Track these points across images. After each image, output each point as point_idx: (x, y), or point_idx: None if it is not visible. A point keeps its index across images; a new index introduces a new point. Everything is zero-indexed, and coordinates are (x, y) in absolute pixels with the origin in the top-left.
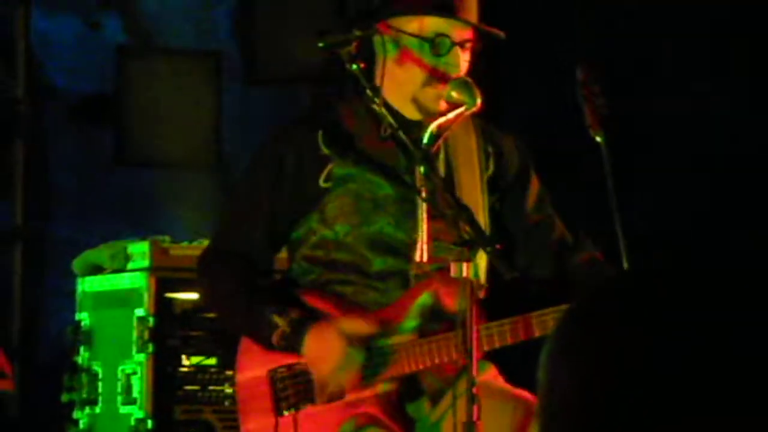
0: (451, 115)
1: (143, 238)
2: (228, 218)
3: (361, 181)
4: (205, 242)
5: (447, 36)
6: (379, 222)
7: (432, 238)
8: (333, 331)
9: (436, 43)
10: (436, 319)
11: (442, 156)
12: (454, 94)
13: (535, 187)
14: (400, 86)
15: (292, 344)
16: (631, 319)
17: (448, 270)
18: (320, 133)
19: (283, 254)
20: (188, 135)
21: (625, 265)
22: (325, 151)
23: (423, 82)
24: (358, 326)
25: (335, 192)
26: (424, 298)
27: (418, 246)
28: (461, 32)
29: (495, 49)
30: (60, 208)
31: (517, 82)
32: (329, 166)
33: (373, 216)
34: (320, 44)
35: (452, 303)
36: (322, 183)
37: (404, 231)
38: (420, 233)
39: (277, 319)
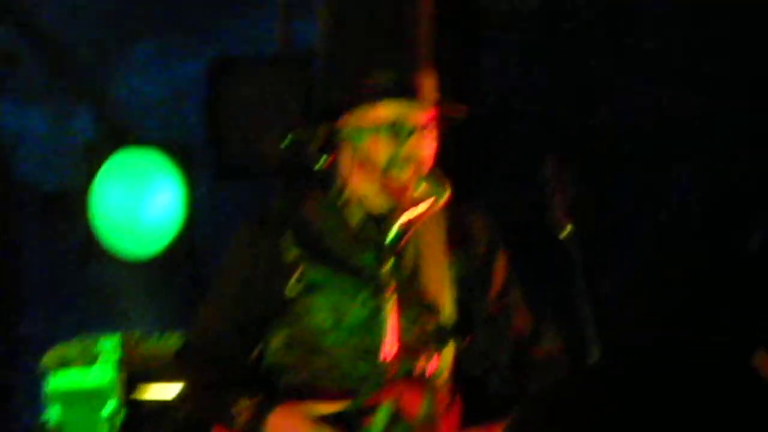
0: (419, 209)
1: (113, 333)
2: (202, 319)
3: (330, 286)
4: (174, 337)
5: (407, 120)
6: (348, 329)
7: (399, 334)
8: (298, 412)
9: (395, 129)
10: (399, 428)
11: (410, 248)
12: (421, 187)
13: (500, 274)
14: (365, 179)
15: (256, 424)
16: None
17: (415, 368)
18: (289, 235)
19: None
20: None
21: (592, 352)
22: (294, 255)
23: (387, 171)
24: (325, 408)
25: (306, 298)
26: (386, 407)
27: (385, 343)
28: (422, 115)
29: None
30: (31, 302)
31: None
32: (298, 271)
33: (343, 322)
34: (285, 139)
35: (415, 411)
36: (291, 288)
37: (372, 330)
38: (387, 330)
39: (244, 401)
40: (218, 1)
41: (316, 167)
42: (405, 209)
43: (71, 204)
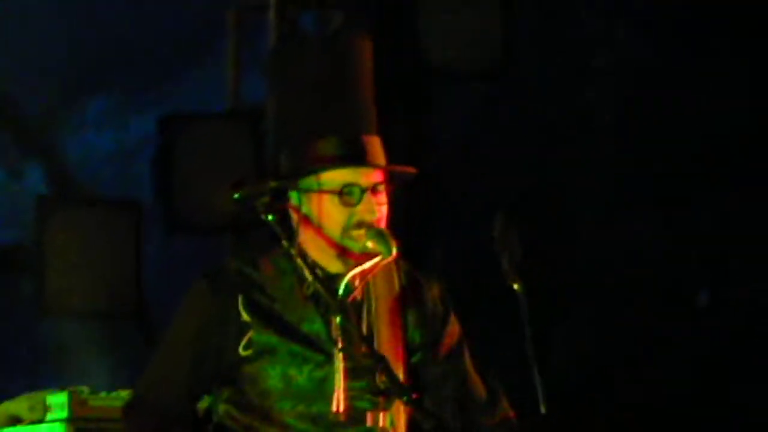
0: (366, 266)
1: (62, 389)
2: (151, 373)
3: (281, 352)
4: (124, 393)
5: (355, 184)
6: (298, 395)
7: (348, 389)
8: None
9: (345, 194)
10: None
11: (364, 305)
12: (369, 244)
13: (451, 336)
14: (315, 239)
15: None
16: None
17: (365, 421)
18: (240, 297)
19: None
20: (109, 284)
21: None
22: (245, 318)
23: (339, 233)
24: None
25: (256, 361)
26: None
27: (335, 397)
28: (370, 177)
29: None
30: None
31: (437, 223)
32: (249, 334)
33: (292, 389)
34: (235, 195)
35: None
36: (241, 351)
37: (323, 396)
38: (336, 384)
39: None
40: (168, 58)
41: (266, 225)
42: (352, 269)
43: (23, 258)
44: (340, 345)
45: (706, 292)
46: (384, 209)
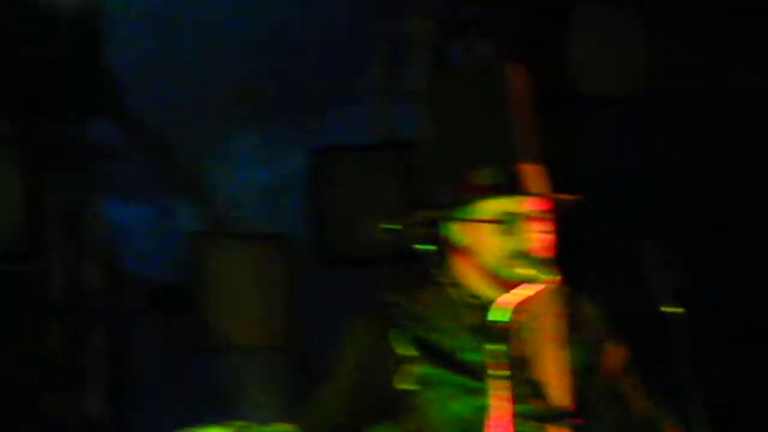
0: (525, 293)
1: (221, 424)
2: (313, 408)
3: (442, 384)
4: (283, 427)
5: (513, 213)
6: (461, 426)
7: (511, 427)
8: None
9: (502, 223)
10: None
11: (524, 332)
12: (527, 272)
13: (613, 359)
14: (471, 269)
15: None
16: None
17: None
18: (399, 331)
19: None
20: (263, 318)
21: None
22: (405, 351)
23: (496, 262)
24: None
25: (417, 394)
26: None
27: (488, 426)
28: (528, 205)
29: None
30: (140, 396)
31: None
32: (409, 367)
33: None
34: (388, 226)
35: None
36: (402, 384)
37: (483, 413)
38: (490, 412)
39: None
40: (318, 92)
41: (421, 257)
42: (511, 295)
43: (177, 295)
44: (492, 372)
45: None
46: (546, 237)
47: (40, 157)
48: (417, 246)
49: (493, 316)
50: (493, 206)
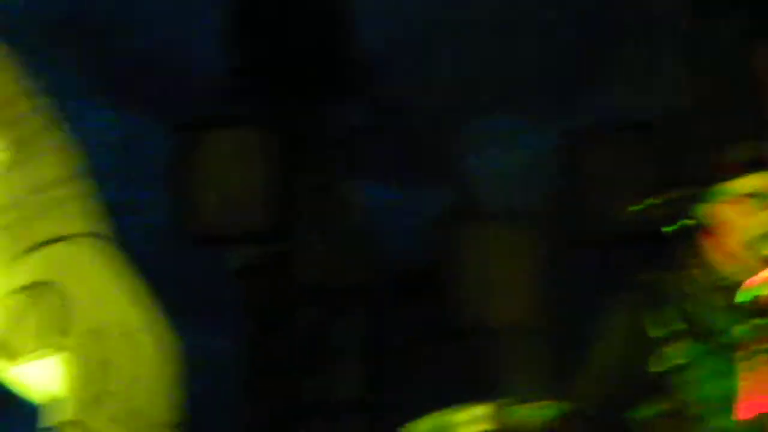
0: None
1: (481, 402)
2: (582, 386)
3: (705, 359)
4: (546, 405)
5: (766, 193)
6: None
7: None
8: None
9: (755, 203)
10: None
11: None
12: None
13: None
14: (721, 248)
15: None
16: None
17: None
18: (660, 310)
19: None
20: (518, 298)
21: None
22: (672, 330)
23: (748, 241)
24: None
25: (682, 372)
26: None
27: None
28: None
29: None
30: (394, 378)
31: None
32: (673, 345)
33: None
34: (642, 206)
35: None
36: (666, 362)
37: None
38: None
39: None
40: (567, 73)
41: (668, 237)
42: None
43: (431, 278)
44: (742, 351)
45: None
46: None
47: (293, 139)
48: (667, 226)
49: (742, 297)
50: (745, 184)
